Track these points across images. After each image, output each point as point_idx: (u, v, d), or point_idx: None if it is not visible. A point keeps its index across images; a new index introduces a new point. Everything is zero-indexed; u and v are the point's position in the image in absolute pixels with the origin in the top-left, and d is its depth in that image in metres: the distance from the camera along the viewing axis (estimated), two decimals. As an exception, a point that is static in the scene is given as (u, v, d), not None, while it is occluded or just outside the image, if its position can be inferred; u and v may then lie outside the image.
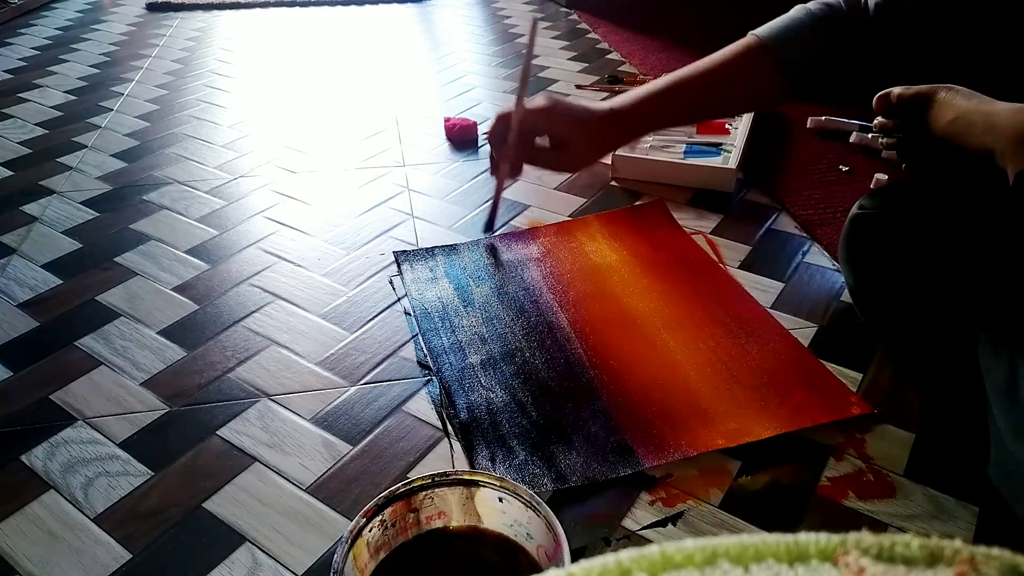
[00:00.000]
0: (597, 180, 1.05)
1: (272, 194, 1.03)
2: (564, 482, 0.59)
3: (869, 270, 0.71)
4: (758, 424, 0.63)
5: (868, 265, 0.71)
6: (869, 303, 0.73)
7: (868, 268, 0.71)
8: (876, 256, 0.70)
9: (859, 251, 0.71)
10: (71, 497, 0.59)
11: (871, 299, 0.72)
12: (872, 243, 0.70)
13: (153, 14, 1.94)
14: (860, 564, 0.16)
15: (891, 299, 0.70)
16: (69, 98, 1.39)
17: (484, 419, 0.65)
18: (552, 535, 0.44)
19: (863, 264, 0.72)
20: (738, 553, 0.16)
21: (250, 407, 0.68)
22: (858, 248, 0.71)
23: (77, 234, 0.95)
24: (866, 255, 0.71)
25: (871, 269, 0.71)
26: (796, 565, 0.16)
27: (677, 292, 0.80)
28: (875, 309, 0.72)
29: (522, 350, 0.72)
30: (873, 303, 0.72)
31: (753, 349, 0.72)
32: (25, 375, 0.72)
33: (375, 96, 1.36)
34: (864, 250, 0.71)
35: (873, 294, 0.72)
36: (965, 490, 0.58)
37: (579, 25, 1.76)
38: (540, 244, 0.89)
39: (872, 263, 0.71)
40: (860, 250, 0.71)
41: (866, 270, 0.72)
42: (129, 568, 0.54)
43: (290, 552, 0.54)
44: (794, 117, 1.22)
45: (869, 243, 0.70)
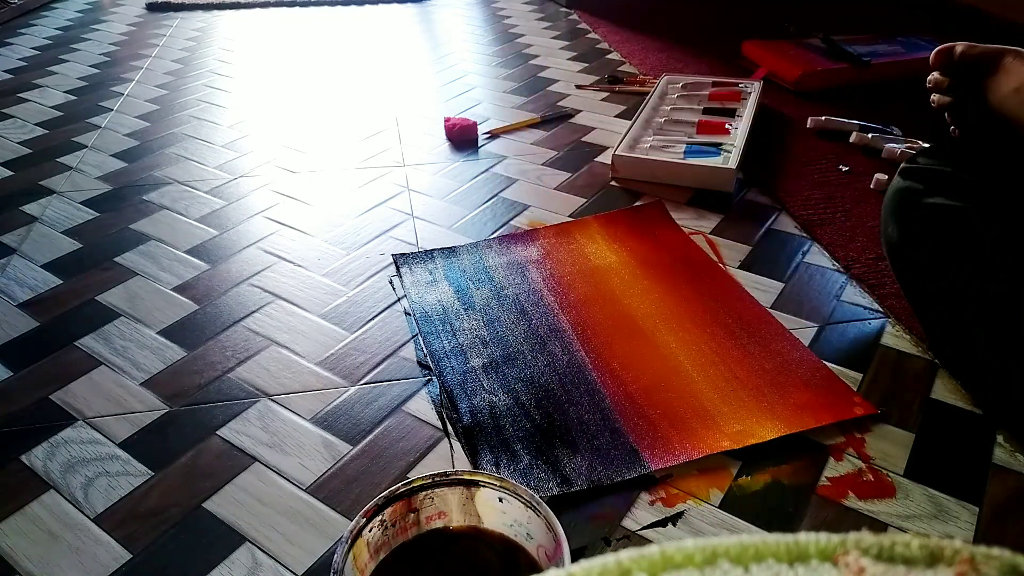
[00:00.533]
0: (597, 180, 1.05)
1: (272, 194, 1.04)
2: (570, 486, 0.59)
3: (918, 227, 0.66)
4: (762, 425, 0.63)
5: (917, 221, 0.66)
6: (909, 263, 0.68)
7: (917, 225, 0.66)
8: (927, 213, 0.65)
9: (909, 205, 0.66)
10: (71, 497, 0.59)
11: (912, 259, 0.67)
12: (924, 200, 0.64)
13: (153, 14, 1.94)
14: (860, 564, 0.16)
15: (936, 262, 0.65)
16: (69, 98, 1.39)
17: (487, 423, 0.65)
18: (552, 535, 0.44)
19: (912, 220, 0.66)
20: (738, 553, 0.16)
21: (250, 407, 0.68)
22: (908, 202, 0.66)
23: (77, 234, 0.95)
24: (916, 211, 0.65)
25: (920, 226, 0.65)
26: (796, 565, 0.16)
27: (678, 293, 0.80)
28: (916, 270, 0.67)
29: (523, 353, 0.72)
30: (913, 264, 0.67)
31: (755, 350, 0.72)
32: (25, 375, 0.72)
33: (375, 96, 1.36)
34: (915, 206, 0.65)
35: (916, 254, 0.67)
36: (965, 490, 0.58)
37: (579, 25, 1.76)
38: (540, 246, 0.89)
39: (922, 220, 0.65)
40: (910, 204, 0.66)
41: (914, 227, 0.66)
42: (129, 568, 0.54)
43: (290, 552, 0.54)
44: (794, 117, 1.22)
45: (921, 199, 0.65)
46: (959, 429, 0.63)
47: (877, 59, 1.35)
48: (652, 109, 1.19)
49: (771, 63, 1.38)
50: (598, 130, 1.21)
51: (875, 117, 1.18)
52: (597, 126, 1.22)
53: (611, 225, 0.93)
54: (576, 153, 1.13)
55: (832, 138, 1.15)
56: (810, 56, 1.38)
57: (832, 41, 1.42)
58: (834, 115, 1.18)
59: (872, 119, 1.16)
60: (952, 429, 0.63)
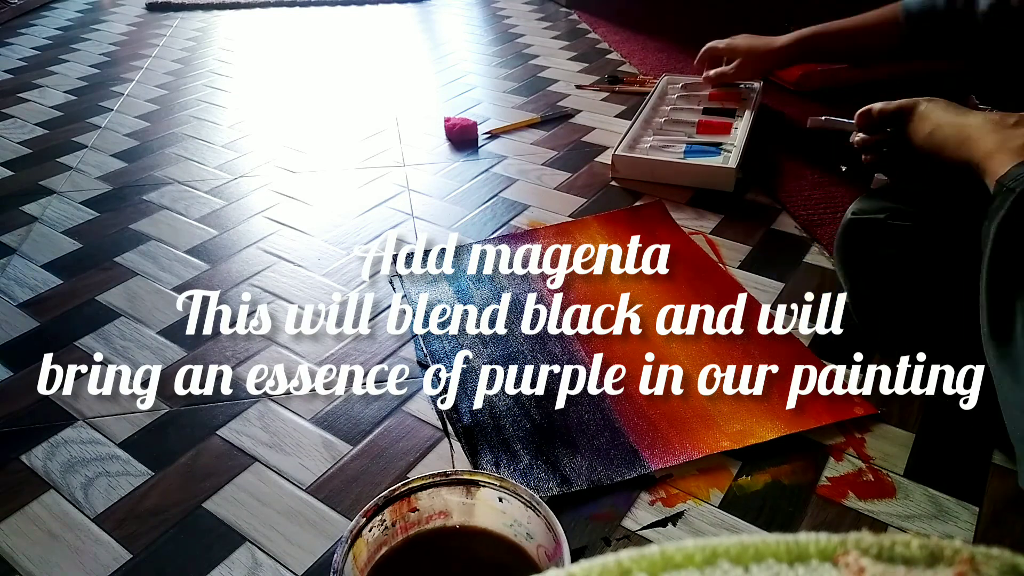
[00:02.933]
0: (597, 180, 1.05)
1: (272, 194, 1.03)
2: (570, 486, 0.59)
3: (865, 274, 0.71)
4: (762, 425, 0.63)
5: (864, 269, 0.71)
6: (865, 308, 0.73)
7: (864, 272, 0.71)
8: (872, 260, 0.70)
9: (854, 255, 0.71)
10: (71, 497, 0.59)
11: (867, 304, 0.72)
12: (867, 247, 0.70)
13: (153, 14, 1.94)
14: (860, 564, 0.16)
15: (887, 303, 0.70)
16: (69, 98, 1.39)
17: (487, 423, 0.65)
18: (552, 535, 0.44)
19: (858, 268, 0.72)
20: (738, 553, 0.16)
21: (250, 407, 0.68)
22: (853, 252, 0.71)
23: (77, 234, 0.95)
24: (861, 259, 0.71)
25: (867, 273, 0.71)
26: (796, 565, 0.16)
27: (677, 293, 0.80)
28: (872, 314, 0.72)
29: (523, 352, 0.72)
30: (869, 308, 0.72)
31: (755, 350, 0.72)
32: (25, 375, 0.72)
33: (375, 96, 1.36)
34: (859, 254, 0.71)
35: (869, 299, 0.72)
36: (965, 490, 0.58)
37: (579, 25, 1.76)
38: (540, 246, 0.89)
39: (868, 267, 0.71)
40: (855, 254, 0.71)
41: (861, 274, 0.72)
42: (129, 568, 0.54)
43: (290, 552, 0.54)
44: (794, 117, 1.22)
45: (864, 247, 0.70)
46: (959, 429, 0.63)
47: (877, 59, 1.35)
48: (652, 109, 1.19)
49: (771, 63, 1.38)
50: (598, 130, 1.21)
51: (856, 134, 1.17)
52: (597, 126, 1.22)
53: (611, 225, 0.93)
54: (576, 153, 1.13)
55: (832, 138, 1.14)
56: (810, 56, 1.38)
57: (832, 41, 1.42)
58: (834, 115, 1.18)
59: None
60: (952, 429, 0.63)
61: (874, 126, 0.77)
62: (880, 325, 0.72)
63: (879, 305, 0.71)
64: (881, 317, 0.72)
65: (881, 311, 0.71)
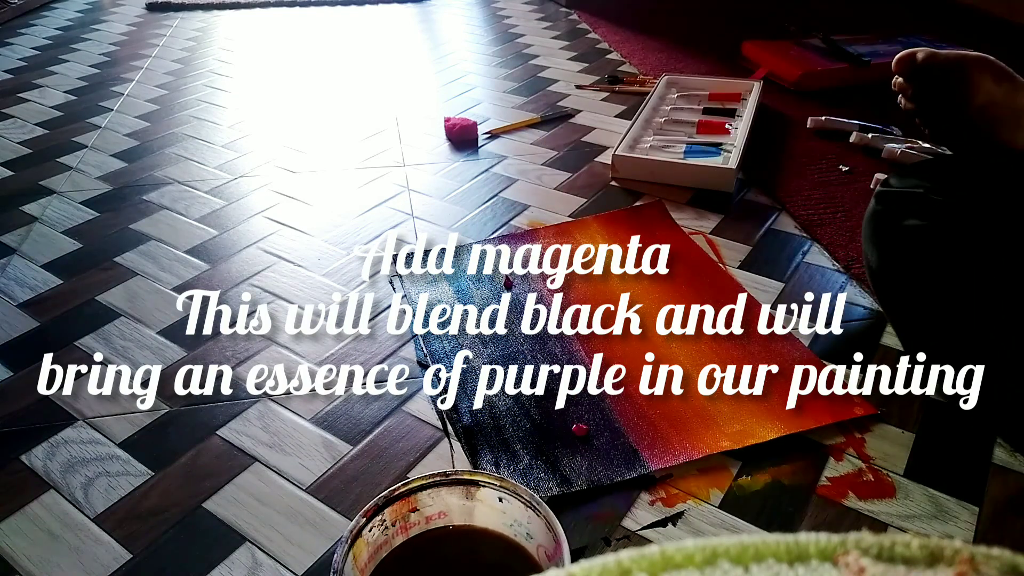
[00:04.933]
0: (597, 180, 1.05)
1: (272, 194, 1.03)
2: (569, 486, 0.59)
3: (893, 248, 0.66)
4: (762, 426, 0.63)
5: (893, 245, 0.66)
6: (888, 284, 0.68)
7: (892, 246, 0.66)
8: (903, 233, 0.64)
9: (885, 227, 0.66)
10: (71, 497, 0.59)
11: (890, 279, 0.67)
12: (899, 219, 0.65)
13: (153, 14, 1.94)
14: (860, 564, 0.16)
15: (912, 279, 0.65)
16: (69, 98, 1.39)
17: (487, 423, 0.65)
18: (552, 535, 0.44)
19: (888, 241, 0.66)
20: (738, 553, 0.16)
21: (250, 407, 0.68)
22: (884, 224, 0.66)
23: (77, 234, 0.95)
24: (892, 231, 0.65)
25: (895, 247, 0.65)
26: (796, 565, 0.16)
27: (677, 293, 0.80)
28: (894, 290, 0.67)
29: (523, 352, 0.72)
30: (892, 283, 0.67)
31: (755, 350, 0.72)
32: (25, 375, 0.72)
33: (375, 96, 1.36)
34: (890, 229, 0.66)
35: (894, 274, 0.66)
36: (965, 490, 0.58)
37: (579, 25, 1.76)
38: (539, 246, 0.89)
39: (898, 243, 0.65)
40: (886, 226, 0.66)
41: (889, 248, 0.66)
42: (129, 568, 0.54)
43: (290, 552, 0.54)
44: (794, 117, 1.22)
45: (896, 219, 0.65)
46: (959, 429, 0.63)
47: (877, 59, 1.35)
48: (652, 109, 1.19)
49: (771, 63, 1.38)
50: (598, 130, 1.21)
51: (875, 117, 1.18)
52: (597, 126, 1.22)
53: (611, 225, 0.93)
54: (576, 153, 1.13)
55: (832, 138, 1.15)
56: (810, 56, 1.38)
57: (832, 41, 1.42)
58: (834, 115, 1.18)
59: (872, 119, 1.16)
60: (952, 429, 0.63)
61: (914, 75, 0.69)
62: (901, 303, 0.67)
63: (903, 282, 0.66)
64: (903, 294, 0.66)
65: (904, 287, 0.66)
